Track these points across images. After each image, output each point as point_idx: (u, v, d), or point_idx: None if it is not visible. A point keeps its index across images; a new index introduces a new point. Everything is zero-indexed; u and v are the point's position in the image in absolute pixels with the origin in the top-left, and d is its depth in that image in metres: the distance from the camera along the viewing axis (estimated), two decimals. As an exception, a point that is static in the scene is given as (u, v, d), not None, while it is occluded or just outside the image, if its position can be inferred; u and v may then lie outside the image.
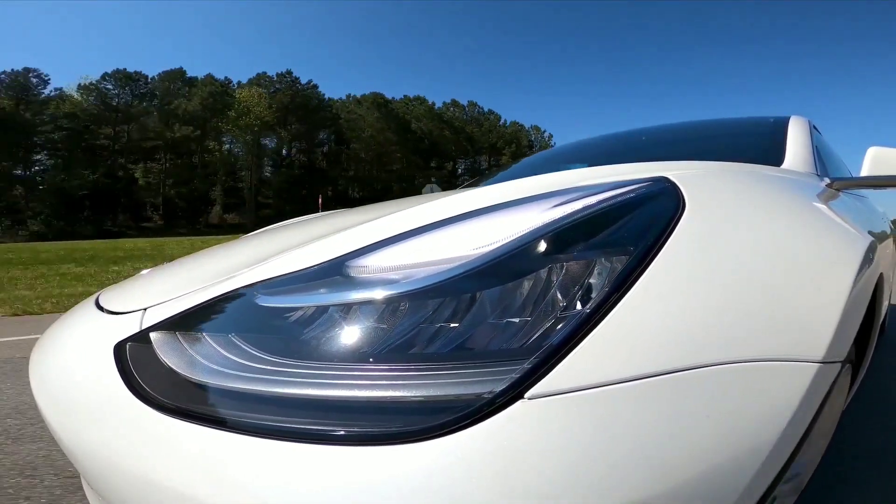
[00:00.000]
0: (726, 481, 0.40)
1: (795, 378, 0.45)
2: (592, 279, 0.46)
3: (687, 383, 0.41)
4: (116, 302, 0.70)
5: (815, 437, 0.52)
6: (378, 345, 0.46)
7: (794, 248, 0.56)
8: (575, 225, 0.51)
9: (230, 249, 0.91)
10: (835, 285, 0.54)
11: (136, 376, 0.50)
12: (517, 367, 0.41)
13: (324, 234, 0.69)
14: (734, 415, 0.41)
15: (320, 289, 0.52)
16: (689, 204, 0.53)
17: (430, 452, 0.38)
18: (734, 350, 0.43)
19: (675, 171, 0.61)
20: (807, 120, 1.54)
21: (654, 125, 2.14)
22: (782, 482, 0.46)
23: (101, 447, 0.48)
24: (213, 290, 0.58)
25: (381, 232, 0.57)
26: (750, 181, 0.71)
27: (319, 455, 0.39)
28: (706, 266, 0.48)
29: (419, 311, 0.47)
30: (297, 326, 0.49)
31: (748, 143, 1.51)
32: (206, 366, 0.48)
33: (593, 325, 0.42)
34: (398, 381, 0.43)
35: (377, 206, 1.11)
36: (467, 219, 0.56)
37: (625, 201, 0.53)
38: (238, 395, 0.45)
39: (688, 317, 0.44)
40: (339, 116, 54.42)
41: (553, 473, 0.37)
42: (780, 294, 0.49)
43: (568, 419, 0.38)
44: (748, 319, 0.45)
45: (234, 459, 0.41)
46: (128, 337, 0.56)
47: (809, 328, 0.48)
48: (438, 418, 0.39)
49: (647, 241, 0.48)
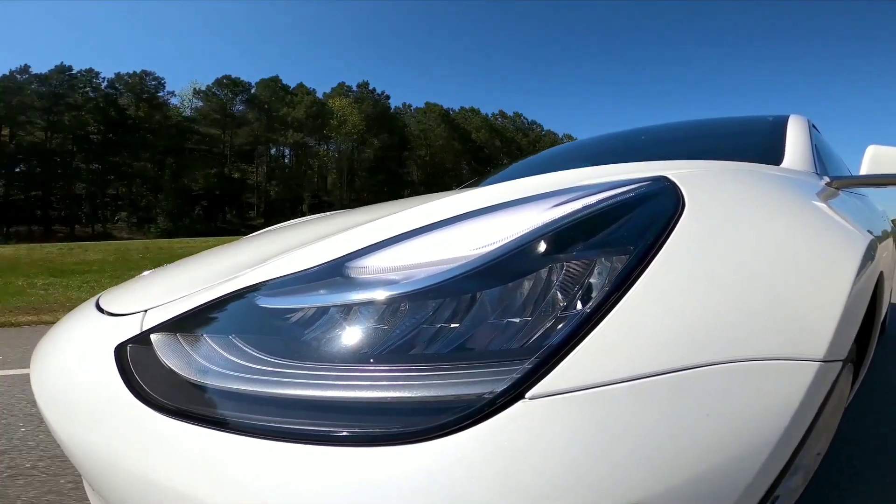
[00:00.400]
0: (727, 481, 0.40)
1: (796, 377, 0.45)
2: (592, 279, 0.46)
3: (687, 383, 0.41)
4: (117, 303, 0.70)
5: (817, 437, 0.52)
6: (378, 345, 0.46)
7: (793, 247, 0.56)
8: (574, 225, 0.51)
9: (231, 250, 0.91)
10: (835, 284, 0.54)
11: (136, 378, 0.50)
12: (517, 368, 0.41)
13: (324, 234, 0.69)
14: (735, 414, 0.41)
15: (321, 290, 0.52)
16: (688, 203, 0.53)
17: (430, 453, 0.38)
18: (735, 349, 0.43)
19: (675, 171, 0.61)
20: (806, 119, 1.53)
21: (653, 124, 2.14)
22: (784, 481, 0.46)
23: (102, 448, 0.48)
24: (213, 292, 0.58)
25: (382, 233, 0.57)
26: (749, 180, 0.71)
27: (320, 456, 0.39)
28: (706, 265, 0.48)
29: (419, 311, 0.47)
30: (298, 327, 0.49)
31: (747, 143, 1.50)
32: (206, 367, 0.48)
33: (593, 325, 0.42)
34: (399, 381, 0.43)
35: (378, 207, 1.11)
36: (467, 219, 0.56)
37: (624, 201, 0.53)
38: (239, 396, 0.45)
39: (688, 316, 0.44)
40: (405, 125, 59.53)
41: (554, 473, 0.37)
42: (781, 293, 0.49)
43: (569, 419, 0.38)
44: (748, 319, 0.45)
45: (235, 460, 0.41)
46: (128, 338, 0.56)
47: (810, 327, 0.48)
48: (439, 419, 0.39)
49: (646, 241, 0.48)
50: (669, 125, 2.03)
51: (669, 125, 2.03)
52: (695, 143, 1.74)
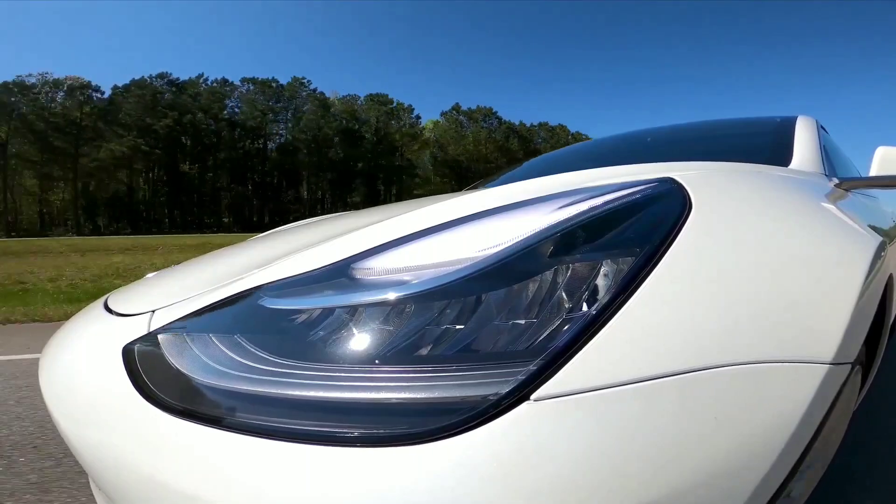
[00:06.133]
0: (734, 484, 0.39)
1: (805, 380, 0.44)
2: (598, 281, 0.46)
3: (694, 385, 0.40)
4: (125, 304, 0.71)
5: (825, 439, 0.52)
6: (384, 346, 0.46)
7: (802, 249, 0.55)
8: (580, 226, 0.51)
9: (237, 251, 0.91)
10: (844, 287, 0.53)
11: (144, 378, 0.51)
12: (523, 369, 0.41)
13: (330, 236, 0.69)
14: (742, 417, 0.41)
15: (327, 291, 0.52)
16: (695, 205, 0.53)
17: (435, 454, 0.38)
18: (743, 352, 0.43)
19: (682, 172, 0.61)
20: (814, 120, 1.52)
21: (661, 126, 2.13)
22: (791, 484, 0.45)
23: (109, 448, 0.48)
24: (220, 293, 0.58)
25: (387, 234, 0.57)
26: (757, 182, 0.71)
27: (326, 456, 0.39)
28: (713, 267, 0.48)
29: (425, 312, 0.47)
30: (304, 328, 0.49)
31: (755, 144, 1.49)
32: (213, 367, 0.48)
33: (599, 327, 0.42)
34: (404, 382, 0.43)
35: (383, 208, 1.11)
36: (473, 220, 0.56)
37: (631, 202, 0.53)
38: (245, 397, 0.45)
39: (695, 318, 0.44)
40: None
41: (559, 475, 0.37)
42: (789, 295, 0.48)
43: (574, 421, 0.38)
44: (756, 321, 0.45)
45: (241, 460, 0.41)
46: (136, 339, 0.56)
47: (819, 330, 0.48)
48: (444, 420, 0.39)
49: (653, 243, 0.48)
50: (676, 126, 2.03)
51: (676, 126, 2.03)
52: (702, 145, 1.73)
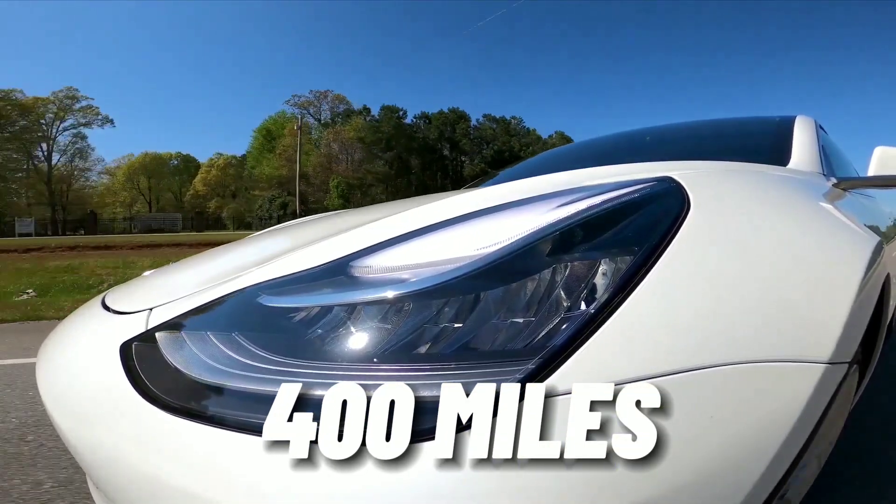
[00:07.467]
0: (732, 482, 0.40)
1: (802, 379, 0.44)
2: (597, 279, 0.46)
3: (691, 384, 0.41)
4: (122, 302, 0.71)
5: (822, 438, 0.52)
6: (382, 345, 0.46)
7: (800, 248, 0.55)
8: (579, 225, 0.51)
9: (235, 249, 0.91)
10: (842, 286, 0.53)
11: (141, 376, 0.51)
12: (521, 368, 0.41)
13: (328, 234, 0.69)
14: (740, 416, 0.41)
15: (325, 289, 0.52)
16: (694, 204, 0.53)
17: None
18: (739, 351, 0.43)
19: (680, 171, 0.61)
20: (812, 119, 1.52)
21: (659, 125, 2.13)
22: (788, 483, 0.46)
23: (107, 446, 0.48)
24: (218, 290, 0.58)
25: (386, 232, 0.57)
26: (755, 181, 0.71)
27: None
28: (711, 266, 0.48)
29: (423, 311, 0.47)
30: (302, 326, 0.49)
31: (753, 143, 1.50)
32: (211, 366, 0.48)
33: (598, 326, 0.42)
34: (402, 381, 0.43)
35: (382, 207, 1.11)
36: (472, 219, 0.56)
37: (629, 201, 0.53)
38: (243, 395, 0.45)
39: (693, 317, 0.44)
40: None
41: (555, 472, 0.37)
42: (787, 295, 0.49)
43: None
44: (754, 320, 0.45)
45: (239, 458, 0.41)
46: (134, 337, 0.56)
47: (816, 329, 0.48)
48: None
49: (651, 242, 0.48)
50: (675, 125, 2.03)
51: (675, 125, 2.03)
52: (701, 144, 1.73)
